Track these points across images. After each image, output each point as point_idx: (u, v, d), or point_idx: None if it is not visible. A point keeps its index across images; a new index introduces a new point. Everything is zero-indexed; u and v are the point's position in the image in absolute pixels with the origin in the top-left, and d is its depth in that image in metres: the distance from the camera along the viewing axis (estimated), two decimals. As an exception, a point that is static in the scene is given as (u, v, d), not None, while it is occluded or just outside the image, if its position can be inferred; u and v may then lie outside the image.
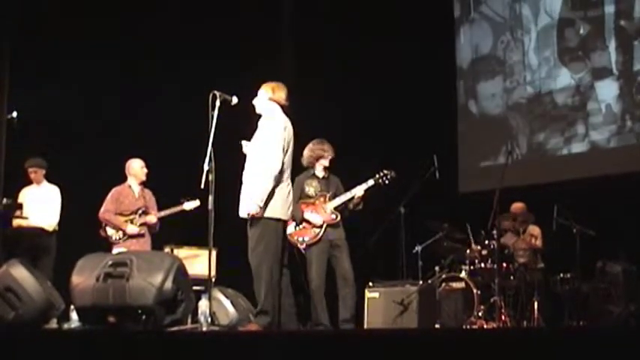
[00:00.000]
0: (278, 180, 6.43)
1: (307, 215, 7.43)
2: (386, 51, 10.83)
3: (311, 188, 7.56)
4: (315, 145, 7.63)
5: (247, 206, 6.39)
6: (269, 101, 6.71)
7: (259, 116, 6.72)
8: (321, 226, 7.38)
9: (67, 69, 10.11)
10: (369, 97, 10.87)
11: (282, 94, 6.74)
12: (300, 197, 7.47)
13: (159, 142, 10.14)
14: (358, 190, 7.50)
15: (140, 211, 8.42)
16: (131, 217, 8.41)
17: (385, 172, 7.61)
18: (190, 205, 8.45)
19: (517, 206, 9.16)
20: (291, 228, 7.27)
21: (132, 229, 8.34)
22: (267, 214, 6.39)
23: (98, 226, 8.49)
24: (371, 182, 7.56)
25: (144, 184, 8.62)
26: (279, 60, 11.42)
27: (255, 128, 6.68)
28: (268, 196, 6.38)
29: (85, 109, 10.17)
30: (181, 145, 9.67)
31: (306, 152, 7.60)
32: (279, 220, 6.46)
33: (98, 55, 10.30)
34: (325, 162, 7.60)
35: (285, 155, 6.50)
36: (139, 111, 10.28)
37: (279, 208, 6.45)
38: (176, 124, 10.12)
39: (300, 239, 7.40)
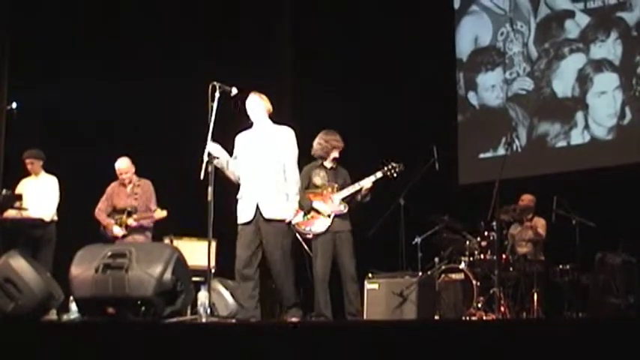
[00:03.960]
0: None
1: (316, 205, 7.42)
2: (386, 42, 10.82)
3: (318, 178, 7.54)
4: (328, 135, 7.60)
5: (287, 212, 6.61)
6: (266, 112, 6.80)
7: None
8: (329, 217, 7.37)
9: (68, 62, 10.11)
10: (369, 89, 10.86)
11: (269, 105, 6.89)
12: (307, 187, 7.47)
13: (159, 133, 10.14)
14: (366, 182, 7.47)
15: (126, 212, 8.38)
16: (120, 216, 8.38)
17: (394, 164, 7.59)
18: (159, 214, 8.40)
19: (525, 197, 9.13)
20: (298, 217, 7.28)
21: (117, 230, 8.33)
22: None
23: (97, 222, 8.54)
24: (379, 174, 7.53)
25: (137, 175, 8.58)
26: (278, 52, 11.45)
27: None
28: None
29: (86, 100, 10.16)
30: (181, 137, 9.66)
31: (321, 142, 7.58)
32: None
33: (99, 48, 10.30)
34: (336, 153, 7.59)
35: None
36: (140, 103, 10.28)
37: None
38: (176, 114, 10.12)
39: (307, 229, 7.40)
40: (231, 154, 6.75)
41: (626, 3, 9.87)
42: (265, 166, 6.62)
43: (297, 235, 7.52)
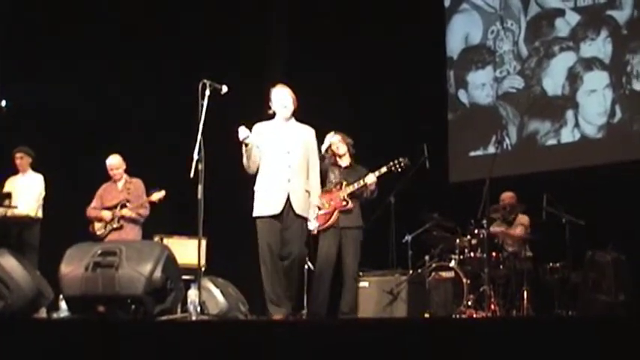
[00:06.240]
0: None
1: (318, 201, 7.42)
2: (376, 41, 10.82)
3: (332, 175, 7.57)
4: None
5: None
6: (294, 107, 6.73)
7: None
8: (331, 213, 7.37)
9: (61, 61, 10.09)
10: (359, 87, 10.86)
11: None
12: (324, 185, 7.47)
13: (148, 132, 10.12)
14: (370, 178, 7.49)
15: (119, 205, 8.40)
16: (112, 210, 8.42)
17: (400, 159, 7.61)
18: (157, 195, 8.41)
19: (506, 195, 9.16)
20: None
21: (106, 214, 8.38)
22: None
23: (88, 221, 8.52)
24: (384, 169, 7.56)
25: (128, 174, 8.60)
26: (271, 46, 11.45)
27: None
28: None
29: (78, 100, 10.14)
30: (171, 135, 9.64)
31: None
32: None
33: (92, 45, 10.28)
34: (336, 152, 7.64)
35: None
36: (132, 103, 10.26)
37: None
38: (166, 113, 10.10)
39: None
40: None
41: (616, 1, 9.89)
42: (298, 162, 6.53)
43: None
